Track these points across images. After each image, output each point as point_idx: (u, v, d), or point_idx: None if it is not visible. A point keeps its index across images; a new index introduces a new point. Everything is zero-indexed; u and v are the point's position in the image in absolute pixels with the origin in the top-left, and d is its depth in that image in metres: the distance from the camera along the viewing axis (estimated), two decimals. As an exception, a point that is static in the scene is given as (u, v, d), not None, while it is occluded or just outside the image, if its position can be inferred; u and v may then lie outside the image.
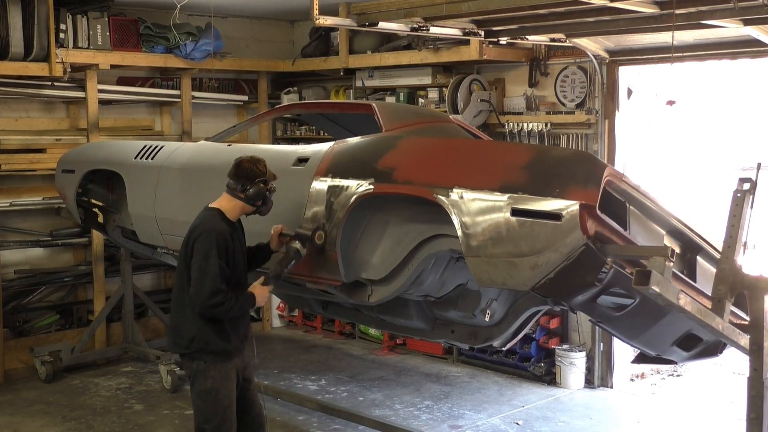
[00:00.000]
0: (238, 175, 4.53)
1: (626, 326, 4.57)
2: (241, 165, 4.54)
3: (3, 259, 7.55)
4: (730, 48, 6.15)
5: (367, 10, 5.47)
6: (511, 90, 7.65)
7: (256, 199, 4.54)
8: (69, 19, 7.36)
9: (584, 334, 7.17)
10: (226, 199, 4.58)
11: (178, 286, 4.59)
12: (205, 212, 4.59)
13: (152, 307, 8.06)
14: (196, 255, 4.40)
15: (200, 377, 4.53)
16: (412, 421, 6.40)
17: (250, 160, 4.57)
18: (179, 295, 4.57)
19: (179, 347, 4.59)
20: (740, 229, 4.10)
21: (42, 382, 7.31)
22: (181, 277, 4.54)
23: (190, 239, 4.47)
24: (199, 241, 4.40)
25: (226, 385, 4.55)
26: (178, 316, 4.58)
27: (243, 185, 4.51)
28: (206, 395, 4.52)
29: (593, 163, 4.01)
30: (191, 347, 4.51)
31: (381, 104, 5.44)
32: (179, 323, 4.57)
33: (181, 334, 4.54)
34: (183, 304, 4.53)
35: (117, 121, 8.24)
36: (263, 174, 4.54)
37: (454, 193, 4.09)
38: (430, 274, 4.60)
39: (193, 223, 4.56)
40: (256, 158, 4.61)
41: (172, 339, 4.65)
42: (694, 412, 6.67)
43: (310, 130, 8.84)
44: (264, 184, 4.53)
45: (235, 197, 4.54)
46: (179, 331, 4.56)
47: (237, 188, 4.53)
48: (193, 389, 4.60)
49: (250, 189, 4.51)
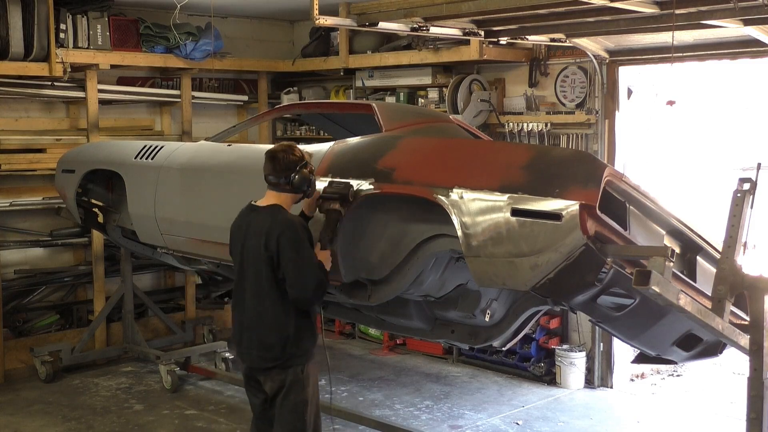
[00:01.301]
0: (276, 168, 4.31)
1: (626, 326, 4.57)
2: (277, 157, 4.32)
3: (3, 259, 7.55)
4: (730, 48, 6.15)
5: (367, 10, 5.47)
6: (511, 90, 7.65)
7: (303, 185, 4.34)
8: (69, 19, 7.36)
9: (584, 334, 7.18)
10: (273, 195, 4.36)
11: (254, 296, 4.31)
12: (265, 211, 4.33)
13: (152, 307, 8.06)
14: (288, 252, 4.17)
15: (296, 387, 4.31)
16: (412, 421, 6.41)
17: (284, 149, 4.36)
18: (257, 307, 4.31)
19: (268, 360, 4.30)
20: (740, 229, 4.10)
21: (42, 382, 7.31)
22: (258, 285, 4.29)
23: (269, 240, 4.21)
24: (285, 238, 4.18)
25: (317, 392, 4.41)
26: (260, 327, 4.31)
27: (286, 177, 4.30)
28: (302, 406, 4.32)
29: (593, 163, 4.00)
30: (284, 355, 4.28)
31: (381, 104, 5.44)
32: (264, 336, 4.30)
33: (269, 345, 4.28)
34: (265, 313, 4.28)
35: (117, 121, 8.24)
36: (301, 159, 4.34)
37: (454, 193, 4.09)
38: (430, 274, 4.60)
39: (262, 224, 4.27)
40: (287, 145, 4.42)
41: (257, 354, 4.33)
42: (694, 412, 6.67)
43: (310, 130, 8.84)
44: (305, 167, 4.35)
45: (282, 191, 4.34)
46: (266, 344, 4.29)
47: (281, 181, 4.32)
48: (286, 402, 4.31)
49: (295, 179, 4.30)
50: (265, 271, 4.27)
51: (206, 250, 5.63)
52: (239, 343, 4.46)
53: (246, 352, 4.42)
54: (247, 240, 4.35)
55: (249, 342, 4.38)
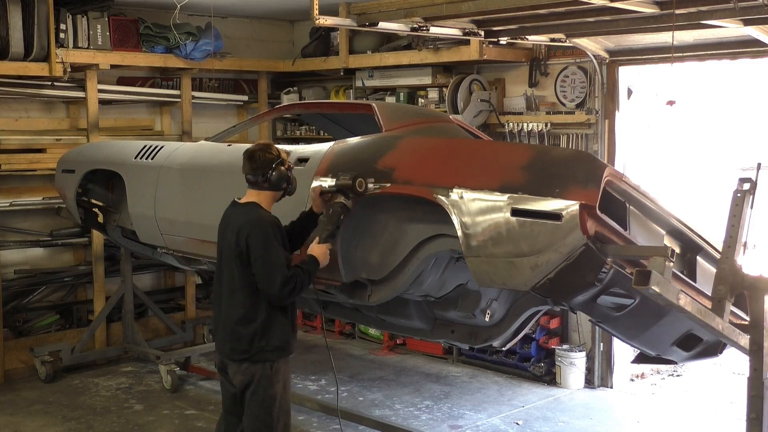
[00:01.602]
0: (254, 167, 4.43)
1: (626, 326, 4.57)
2: (254, 156, 4.44)
3: (3, 259, 7.55)
4: (730, 48, 6.15)
5: (367, 10, 5.47)
6: (511, 90, 7.65)
7: (280, 183, 4.46)
8: (69, 19, 7.36)
9: (584, 334, 7.18)
10: (253, 194, 4.48)
11: (228, 290, 4.44)
12: (242, 208, 4.46)
13: (152, 307, 8.06)
14: (255, 250, 4.29)
15: (265, 383, 4.39)
16: (412, 421, 6.40)
17: (260, 148, 4.49)
18: (230, 301, 4.42)
19: (238, 353, 4.40)
20: (740, 229, 4.11)
21: (42, 382, 7.31)
22: (232, 281, 4.40)
23: (239, 237, 4.33)
24: (254, 235, 4.30)
25: (287, 389, 4.48)
26: (232, 321, 4.41)
27: (263, 175, 4.42)
28: (270, 401, 4.39)
29: (593, 163, 4.01)
30: (253, 348, 4.37)
31: (381, 104, 5.44)
32: (236, 329, 4.39)
33: (240, 338, 4.38)
34: (236, 307, 4.39)
35: (117, 121, 8.24)
36: (277, 157, 4.45)
37: (454, 193, 4.09)
38: (430, 274, 4.60)
39: (236, 221, 4.39)
40: (264, 144, 4.55)
41: (229, 347, 4.44)
42: (694, 412, 6.67)
43: (310, 130, 8.84)
44: (282, 165, 4.46)
45: (261, 189, 4.46)
46: (237, 336, 4.39)
47: (258, 180, 4.44)
48: (255, 397, 4.40)
49: (272, 176, 4.42)
50: (236, 267, 4.38)
51: (206, 250, 5.62)
52: (215, 335, 4.63)
53: (220, 345, 4.54)
54: (224, 236, 4.49)
55: (223, 334, 4.50)
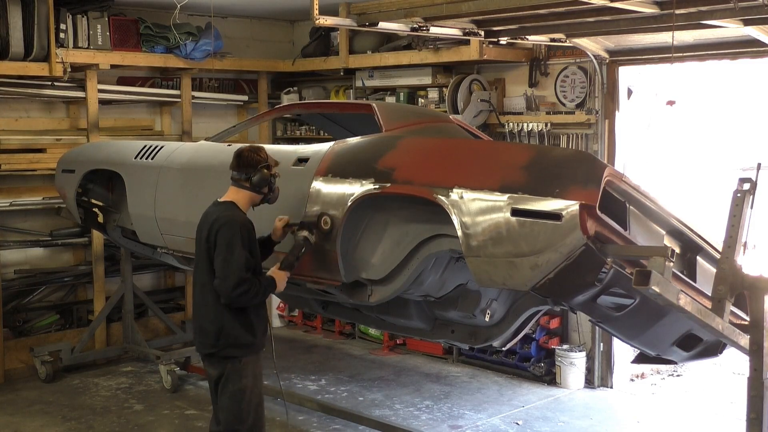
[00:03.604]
0: (239, 164, 4.54)
1: (626, 326, 4.57)
2: (242, 155, 4.55)
3: (3, 259, 7.55)
4: (730, 48, 6.15)
5: (367, 10, 5.47)
6: (511, 90, 7.65)
7: (261, 186, 4.54)
8: (69, 19, 7.36)
9: (584, 334, 7.18)
10: (233, 191, 4.58)
11: (200, 286, 4.57)
12: (219, 205, 4.57)
13: (152, 307, 8.06)
14: (220, 247, 4.38)
15: (234, 377, 4.50)
16: (412, 421, 6.40)
17: (250, 148, 4.60)
18: (201, 295, 4.56)
19: (206, 346, 4.54)
20: (740, 229, 4.11)
21: (42, 382, 7.31)
22: (202, 276, 4.53)
23: (210, 233, 4.44)
24: (222, 233, 4.39)
25: (258, 383, 4.57)
26: (201, 315, 4.56)
27: (247, 174, 4.51)
28: (240, 395, 4.51)
29: (593, 163, 4.01)
30: (219, 344, 4.47)
31: (381, 104, 5.44)
32: (203, 323, 4.53)
33: (206, 333, 4.51)
34: (205, 302, 4.52)
35: (117, 121, 8.25)
36: (264, 160, 4.54)
37: (454, 193, 4.09)
38: (430, 274, 4.60)
39: (210, 217, 4.51)
40: (255, 146, 4.66)
41: (198, 340, 4.62)
42: (694, 412, 6.67)
43: (310, 130, 8.84)
44: (267, 169, 4.53)
45: (242, 188, 4.55)
46: (204, 330, 4.53)
47: (241, 178, 4.53)
48: (225, 390, 4.53)
49: (254, 177, 4.50)
50: (206, 263, 4.49)
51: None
52: (193, 329, 4.81)
53: (195, 338, 4.69)
54: (200, 232, 4.58)
55: (195, 328, 4.63)
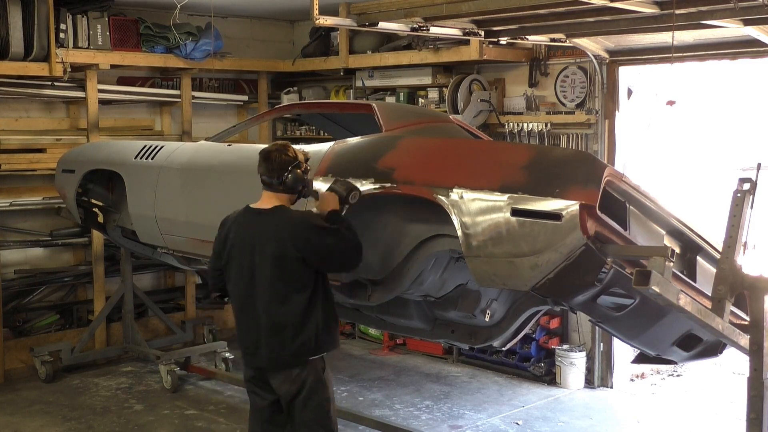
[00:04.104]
0: (270, 168, 4.26)
1: (626, 326, 4.57)
2: (270, 157, 4.27)
3: (3, 259, 7.55)
4: (730, 48, 6.15)
5: (367, 10, 5.47)
6: (511, 90, 7.65)
7: (296, 186, 4.29)
8: (69, 19, 7.36)
9: (584, 334, 7.18)
10: (273, 196, 4.30)
11: (276, 299, 4.21)
12: (269, 215, 4.26)
13: (152, 307, 8.06)
14: (323, 243, 4.14)
15: (319, 387, 4.28)
16: (412, 421, 6.40)
17: (277, 149, 4.31)
18: (279, 307, 4.21)
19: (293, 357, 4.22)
20: (740, 229, 4.10)
21: (42, 382, 7.31)
22: (285, 287, 4.20)
23: (296, 242, 4.14)
24: (313, 233, 4.15)
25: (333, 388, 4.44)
26: (282, 327, 4.21)
27: (279, 177, 4.25)
28: (327, 405, 4.29)
29: (593, 163, 4.01)
30: (309, 351, 4.22)
31: (381, 104, 5.44)
32: (287, 335, 4.20)
33: (294, 343, 4.20)
34: (288, 313, 4.20)
35: (117, 121, 8.24)
36: (294, 159, 4.28)
37: (454, 193, 4.09)
38: (430, 274, 4.60)
39: (268, 228, 4.21)
40: (279, 145, 4.37)
41: (276, 355, 4.24)
42: (694, 412, 6.67)
43: (310, 130, 8.84)
44: (298, 168, 4.29)
45: (276, 191, 4.29)
46: (290, 342, 4.20)
47: (273, 182, 4.27)
48: (309, 404, 4.26)
49: (287, 178, 4.25)
50: (289, 273, 4.18)
51: (206, 250, 5.60)
52: (255, 347, 4.30)
53: (262, 356, 4.29)
54: (257, 246, 4.23)
55: (268, 344, 4.24)
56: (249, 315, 4.32)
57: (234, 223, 4.40)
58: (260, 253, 4.23)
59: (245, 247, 4.30)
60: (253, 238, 4.27)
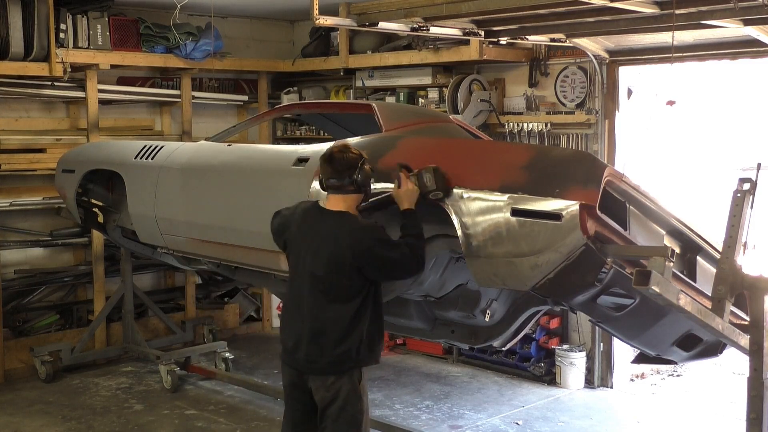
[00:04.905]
0: (337, 170, 4.05)
1: (626, 326, 4.57)
2: (334, 158, 4.07)
3: (3, 259, 7.55)
4: (730, 48, 6.15)
5: (367, 10, 5.47)
6: (511, 90, 7.65)
7: (366, 184, 4.12)
8: (69, 19, 7.36)
9: (584, 334, 7.18)
10: (339, 199, 4.11)
11: (325, 302, 4.07)
12: (333, 217, 4.11)
13: (152, 307, 8.06)
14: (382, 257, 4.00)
15: (353, 399, 4.11)
16: (412, 421, 6.40)
17: (339, 149, 4.13)
18: (326, 312, 4.07)
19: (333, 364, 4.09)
20: (740, 229, 4.10)
21: (42, 382, 7.31)
22: (337, 292, 4.05)
23: (357, 249, 3.98)
24: (378, 243, 4.01)
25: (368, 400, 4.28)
26: (328, 332, 4.07)
27: (350, 177, 4.05)
28: (360, 417, 4.13)
29: (593, 163, 4.01)
30: (351, 361, 4.09)
31: (381, 104, 5.44)
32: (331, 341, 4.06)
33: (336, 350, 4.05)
34: (336, 319, 4.05)
35: (117, 121, 8.24)
36: (360, 156, 4.09)
37: (454, 193, 4.09)
38: (430, 274, 4.60)
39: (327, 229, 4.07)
40: (340, 145, 4.21)
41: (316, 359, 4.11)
42: (694, 412, 6.67)
43: (310, 130, 8.83)
44: (366, 164, 4.10)
45: (347, 193, 4.08)
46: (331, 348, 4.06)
47: (344, 183, 4.06)
48: (344, 413, 4.09)
49: (358, 177, 4.06)
50: (341, 280, 4.04)
51: (206, 250, 5.63)
52: (295, 347, 4.17)
53: (302, 359, 4.15)
54: (317, 245, 4.10)
55: (311, 348, 4.11)
56: (296, 313, 4.19)
57: (300, 215, 4.24)
58: (318, 253, 4.09)
59: (304, 243, 4.16)
60: (314, 237, 4.13)
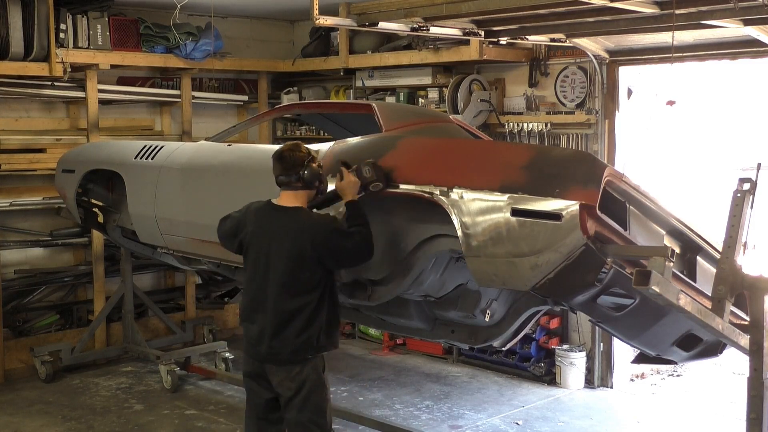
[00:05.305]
0: (285, 167, 4.32)
1: (626, 326, 4.56)
2: (283, 157, 4.33)
3: (3, 259, 7.55)
4: (730, 48, 6.15)
5: (367, 10, 5.47)
6: (511, 90, 7.65)
7: (313, 180, 4.35)
8: (69, 19, 7.36)
9: (584, 334, 7.18)
10: (291, 196, 4.36)
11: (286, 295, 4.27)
12: (287, 213, 4.33)
13: (152, 307, 8.06)
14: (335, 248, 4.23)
15: (319, 388, 4.33)
16: (412, 421, 6.41)
17: (289, 148, 4.38)
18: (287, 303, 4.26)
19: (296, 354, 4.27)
20: (740, 229, 4.10)
21: (42, 382, 7.31)
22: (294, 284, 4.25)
23: (314, 242, 4.20)
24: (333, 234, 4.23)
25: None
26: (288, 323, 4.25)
27: (296, 174, 4.30)
28: (325, 406, 4.35)
29: (593, 163, 4.00)
30: (312, 349, 4.29)
31: (381, 104, 5.44)
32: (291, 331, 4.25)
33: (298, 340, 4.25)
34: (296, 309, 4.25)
35: (117, 121, 8.24)
36: (308, 155, 4.35)
37: (454, 193, 4.09)
38: (430, 274, 4.60)
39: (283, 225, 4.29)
40: (290, 144, 4.42)
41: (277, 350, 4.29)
42: (694, 412, 6.68)
43: (310, 130, 8.84)
44: (313, 162, 4.35)
45: (296, 189, 4.34)
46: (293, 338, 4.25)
47: (292, 179, 4.32)
48: (308, 403, 4.30)
49: (305, 174, 4.30)
50: (303, 272, 4.25)
51: (206, 250, 5.63)
52: (258, 339, 4.35)
53: (264, 351, 4.32)
54: (275, 242, 4.31)
55: (272, 340, 4.29)
56: (258, 307, 4.37)
57: (253, 215, 4.45)
58: (277, 249, 4.30)
59: (262, 241, 4.36)
60: (272, 234, 4.33)
